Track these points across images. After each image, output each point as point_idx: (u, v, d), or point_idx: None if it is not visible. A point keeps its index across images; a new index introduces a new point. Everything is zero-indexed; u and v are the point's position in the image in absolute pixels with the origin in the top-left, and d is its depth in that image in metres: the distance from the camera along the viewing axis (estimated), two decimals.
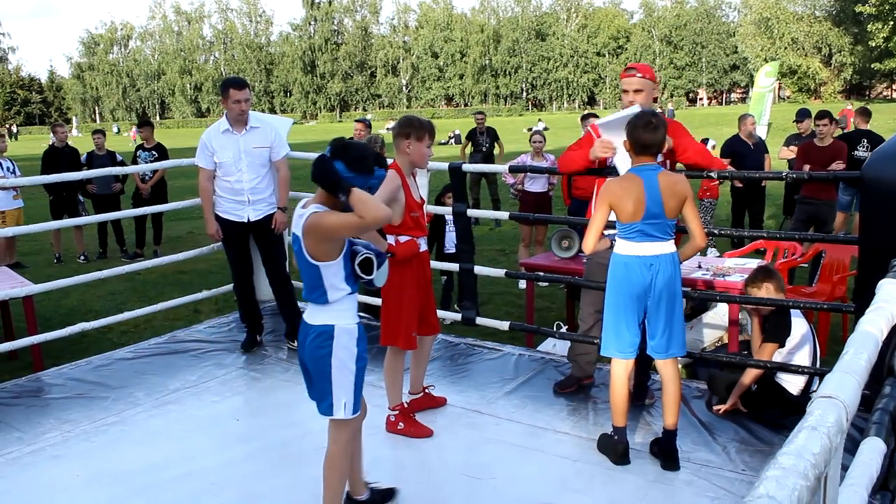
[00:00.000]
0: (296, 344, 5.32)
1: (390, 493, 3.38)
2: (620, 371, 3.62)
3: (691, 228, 3.57)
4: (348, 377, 2.87)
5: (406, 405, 4.14)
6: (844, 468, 1.65)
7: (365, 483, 3.30)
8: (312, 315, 2.89)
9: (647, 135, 3.43)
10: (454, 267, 5.49)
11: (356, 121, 8.74)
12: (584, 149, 4.15)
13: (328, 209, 2.76)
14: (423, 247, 4.08)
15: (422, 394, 4.32)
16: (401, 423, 4.05)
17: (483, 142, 12.09)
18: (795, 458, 1.22)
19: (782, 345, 4.11)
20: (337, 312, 2.85)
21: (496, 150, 12.18)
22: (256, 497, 3.49)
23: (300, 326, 2.99)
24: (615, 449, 3.66)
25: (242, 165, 5.17)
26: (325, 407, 2.92)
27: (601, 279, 4.42)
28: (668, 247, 3.52)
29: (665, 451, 3.65)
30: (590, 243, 3.60)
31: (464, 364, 5.10)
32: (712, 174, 4.33)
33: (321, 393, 2.91)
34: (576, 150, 4.26)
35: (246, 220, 5.26)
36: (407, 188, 3.87)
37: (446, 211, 5.86)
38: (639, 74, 4.08)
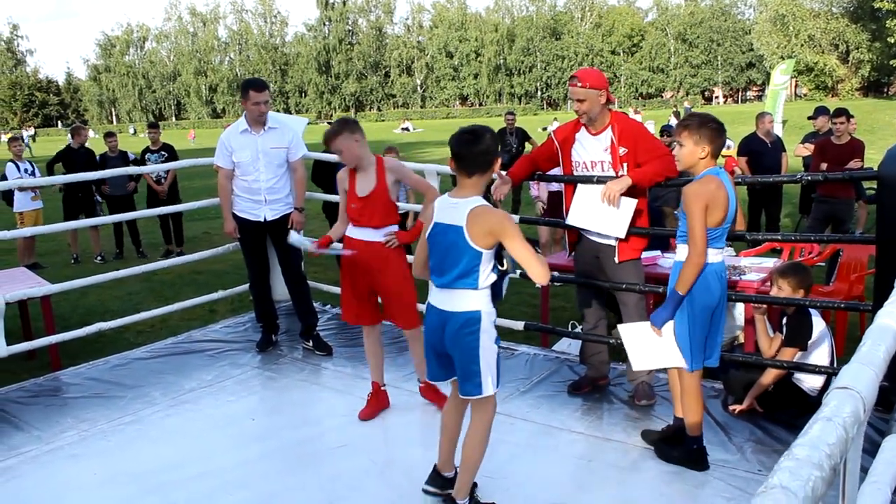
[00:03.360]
0: (311, 343, 5.37)
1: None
2: (699, 381, 3.55)
3: None
4: (493, 356, 3.06)
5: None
6: (864, 469, 1.63)
7: (454, 465, 3.36)
8: (456, 302, 3.02)
9: (724, 138, 3.39)
10: None
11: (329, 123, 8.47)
12: (532, 158, 4.49)
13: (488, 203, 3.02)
14: None
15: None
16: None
17: (511, 142, 12.08)
18: (810, 448, 1.20)
19: (804, 348, 4.07)
20: (482, 298, 3.02)
21: (528, 149, 12.18)
22: (272, 496, 3.50)
23: (430, 313, 3.14)
24: (703, 456, 3.60)
25: (260, 165, 5.20)
26: (473, 387, 3.06)
27: (592, 276, 4.42)
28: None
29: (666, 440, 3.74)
30: (703, 251, 3.32)
31: None
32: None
33: (469, 374, 3.06)
34: (533, 155, 4.53)
35: (262, 220, 5.29)
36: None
37: None
38: (579, 84, 4.02)
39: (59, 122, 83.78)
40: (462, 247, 2.96)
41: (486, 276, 3.01)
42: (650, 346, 3.51)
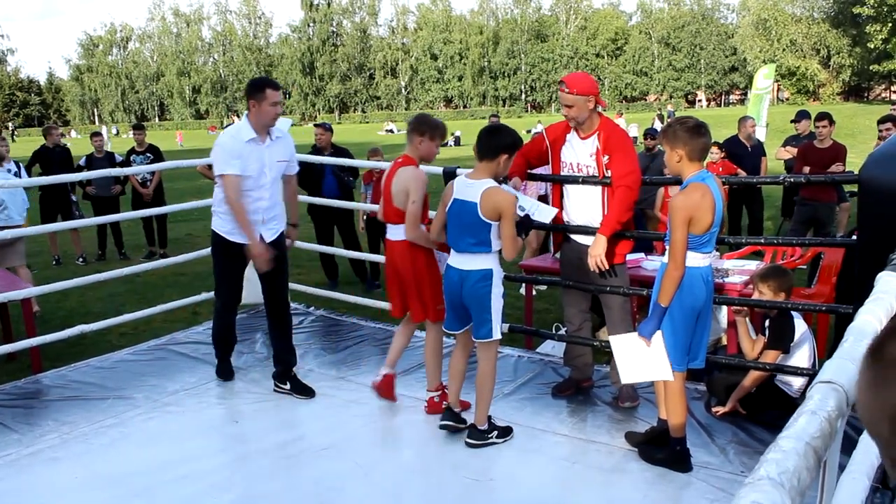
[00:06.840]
0: (288, 386, 4.75)
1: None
2: (683, 383, 3.58)
3: None
4: (501, 307, 3.75)
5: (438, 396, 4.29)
6: (842, 467, 1.64)
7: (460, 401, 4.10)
8: (470, 262, 3.70)
9: (705, 139, 3.38)
10: None
11: (315, 125, 8.36)
12: (524, 154, 4.27)
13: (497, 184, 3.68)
14: None
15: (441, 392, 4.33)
16: (446, 402, 4.16)
17: None
18: (795, 440, 1.22)
19: (786, 351, 4.10)
20: (494, 259, 3.71)
21: None
22: (255, 499, 3.49)
23: (450, 272, 3.78)
24: (687, 458, 3.62)
25: (266, 181, 4.48)
26: (486, 331, 3.75)
27: (577, 278, 4.44)
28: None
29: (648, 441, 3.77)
30: (682, 263, 3.34)
31: None
32: None
33: (481, 321, 3.74)
34: (524, 151, 4.31)
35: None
36: None
37: None
38: (567, 90, 4.03)
39: (10, 125, 77.23)
40: (476, 220, 3.62)
41: (497, 243, 3.65)
42: (640, 357, 3.53)
